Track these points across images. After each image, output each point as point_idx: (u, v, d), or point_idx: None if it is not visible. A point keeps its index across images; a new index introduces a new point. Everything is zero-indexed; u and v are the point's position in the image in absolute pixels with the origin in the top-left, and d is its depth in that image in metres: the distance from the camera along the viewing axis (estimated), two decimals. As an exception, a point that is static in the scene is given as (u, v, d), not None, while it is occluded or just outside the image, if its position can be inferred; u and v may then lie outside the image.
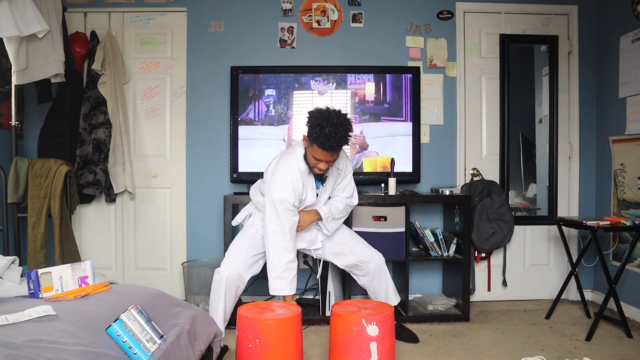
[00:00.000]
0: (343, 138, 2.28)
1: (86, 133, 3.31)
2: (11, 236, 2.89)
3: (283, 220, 2.37)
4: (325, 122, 2.25)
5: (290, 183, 2.37)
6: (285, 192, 2.35)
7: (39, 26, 2.66)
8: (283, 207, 2.36)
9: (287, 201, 2.36)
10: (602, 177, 3.46)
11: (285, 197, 2.35)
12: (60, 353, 1.29)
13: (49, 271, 1.82)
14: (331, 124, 2.24)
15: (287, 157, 2.46)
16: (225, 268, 2.47)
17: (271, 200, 2.37)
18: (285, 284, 2.38)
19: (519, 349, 2.61)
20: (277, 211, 2.36)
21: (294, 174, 2.39)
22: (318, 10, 3.50)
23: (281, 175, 2.39)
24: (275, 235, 2.38)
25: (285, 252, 2.38)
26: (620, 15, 3.26)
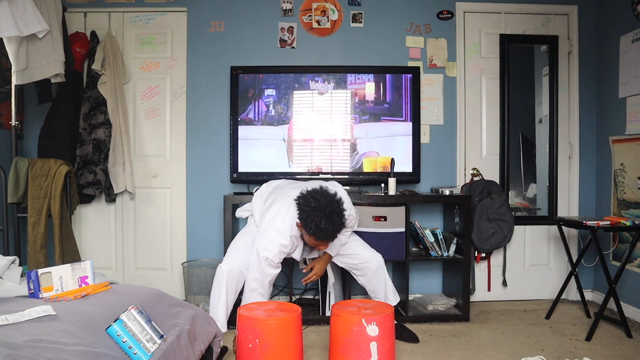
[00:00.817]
0: (339, 226, 2.31)
1: (86, 133, 3.31)
2: (11, 236, 2.89)
3: (264, 273, 2.43)
4: (320, 215, 2.25)
5: (279, 247, 2.41)
6: (271, 253, 2.40)
7: (39, 26, 2.66)
8: (267, 264, 2.41)
9: (272, 260, 2.41)
10: (602, 177, 3.46)
11: (270, 257, 2.40)
12: (60, 353, 1.29)
13: (49, 271, 1.82)
14: (325, 216, 2.25)
15: (284, 216, 2.43)
16: (226, 263, 2.53)
17: (257, 253, 2.42)
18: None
19: (519, 349, 2.61)
20: (260, 264, 2.41)
21: (283, 240, 2.40)
22: (318, 10, 3.50)
23: (273, 235, 2.41)
24: (254, 281, 2.44)
25: (260, 297, 2.46)
26: (620, 15, 3.26)
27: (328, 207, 2.27)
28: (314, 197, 2.31)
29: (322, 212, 2.25)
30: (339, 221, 2.30)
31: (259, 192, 2.76)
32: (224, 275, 2.49)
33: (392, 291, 2.75)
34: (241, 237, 2.66)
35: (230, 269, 2.50)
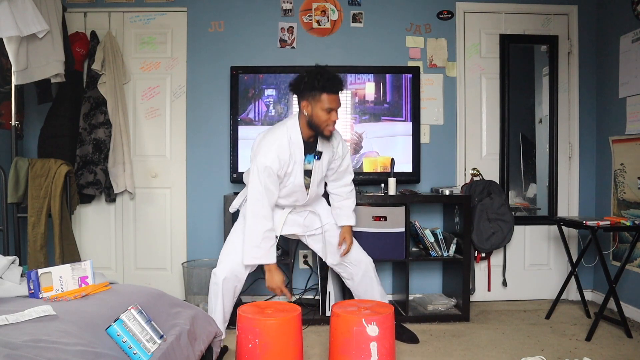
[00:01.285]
0: (341, 80, 2.33)
1: (86, 133, 3.31)
2: (11, 236, 2.89)
3: (265, 188, 2.33)
4: (321, 70, 2.30)
5: (276, 150, 2.32)
6: (269, 160, 2.30)
7: (39, 26, 2.66)
8: (266, 174, 2.31)
9: (271, 169, 2.31)
10: (602, 177, 3.46)
11: (269, 164, 2.30)
12: (60, 353, 1.29)
13: (49, 271, 1.82)
14: (326, 70, 2.31)
15: (276, 127, 2.44)
16: (220, 269, 2.42)
17: (256, 167, 2.33)
18: (262, 252, 2.36)
19: (519, 349, 2.61)
20: (259, 178, 2.32)
21: (281, 141, 2.34)
22: (318, 10, 3.50)
23: (268, 143, 2.35)
24: (256, 202, 2.34)
25: (264, 220, 2.34)
26: (620, 15, 3.26)
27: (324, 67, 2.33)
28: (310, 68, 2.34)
29: (323, 69, 2.31)
30: (338, 77, 2.32)
31: (248, 168, 2.68)
32: (220, 284, 2.39)
33: (381, 295, 2.66)
34: (233, 237, 2.52)
35: (226, 275, 2.39)
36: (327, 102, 2.28)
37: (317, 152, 2.45)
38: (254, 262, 2.38)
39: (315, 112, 2.31)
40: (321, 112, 2.30)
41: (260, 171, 2.31)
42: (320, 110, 2.30)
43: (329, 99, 2.28)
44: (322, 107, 2.29)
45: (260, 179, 2.32)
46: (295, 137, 2.36)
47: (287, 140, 2.34)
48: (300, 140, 2.37)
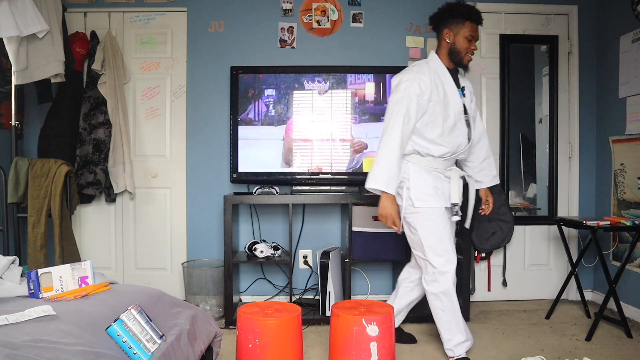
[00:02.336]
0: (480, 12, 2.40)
1: (86, 133, 3.31)
2: (11, 236, 2.89)
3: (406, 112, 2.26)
4: (462, 2, 2.39)
5: (415, 76, 2.30)
6: (408, 82, 2.29)
7: (39, 26, 2.66)
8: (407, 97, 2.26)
9: (411, 89, 2.27)
10: (602, 177, 3.46)
11: (409, 85, 2.28)
12: (60, 353, 1.29)
13: (49, 271, 1.82)
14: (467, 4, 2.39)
15: (412, 65, 2.46)
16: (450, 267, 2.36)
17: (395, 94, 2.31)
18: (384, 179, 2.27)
19: (519, 349, 2.61)
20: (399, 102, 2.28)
21: (420, 70, 2.34)
22: (318, 10, 3.50)
23: (406, 72, 2.38)
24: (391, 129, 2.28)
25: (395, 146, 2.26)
26: (620, 15, 3.26)
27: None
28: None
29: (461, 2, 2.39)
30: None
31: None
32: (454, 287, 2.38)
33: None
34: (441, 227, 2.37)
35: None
36: (470, 29, 2.34)
37: (463, 87, 2.45)
38: (374, 185, 2.27)
39: (458, 40, 2.37)
40: (463, 39, 2.36)
41: (401, 96, 2.28)
42: (463, 38, 2.36)
43: (472, 27, 2.35)
44: (465, 35, 2.35)
45: (400, 103, 2.27)
46: (439, 68, 2.39)
47: (427, 72, 2.34)
48: (444, 69, 2.40)
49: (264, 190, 3.13)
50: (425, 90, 2.30)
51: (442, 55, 2.42)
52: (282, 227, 3.49)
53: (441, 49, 2.43)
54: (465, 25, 2.35)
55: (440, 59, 2.42)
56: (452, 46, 2.38)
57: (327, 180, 3.31)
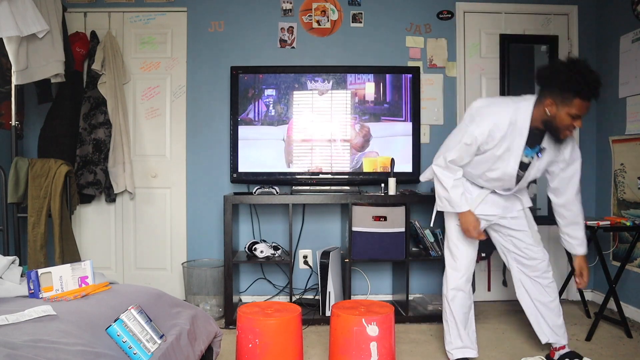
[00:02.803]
0: (600, 84, 1.97)
1: (86, 133, 3.31)
2: (11, 236, 2.89)
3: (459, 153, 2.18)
4: (583, 68, 1.95)
5: (491, 126, 2.07)
6: (478, 131, 2.09)
7: (39, 26, 2.66)
8: (468, 141, 2.12)
9: (476, 139, 2.11)
10: (602, 177, 3.46)
11: (477, 135, 2.09)
12: (60, 353, 1.29)
13: (49, 271, 1.82)
14: (589, 69, 1.95)
15: (507, 101, 2.15)
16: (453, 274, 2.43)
17: (464, 131, 2.14)
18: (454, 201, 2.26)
19: (519, 349, 2.61)
20: (460, 141, 2.15)
21: (501, 120, 2.07)
22: (318, 10, 3.50)
23: (488, 113, 2.10)
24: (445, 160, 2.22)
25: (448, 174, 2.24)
26: (620, 15, 3.26)
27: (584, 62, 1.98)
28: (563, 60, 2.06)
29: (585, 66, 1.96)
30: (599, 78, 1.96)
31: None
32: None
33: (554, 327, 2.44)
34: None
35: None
36: (577, 108, 1.99)
37: (542, 149, 2.17)
38: (447, 208, 2.30)
39: (559, 115, 2.02)
40: (566, 116, 2.01)
41: (465, 138, 2.14)
42: (566, 115, 2.01)
43: (582, 105, 1.99)
44: (570, 112, 2.00)
45: (461, 143, 2.16)
46: (522, 124, 2.09)
47: (508, 122, 2.08)
48: (526, 128, 2.09)
49: (264, 190, 3.13)
50: (493, 139, 2.11)
51: (536, 114, 2.08)
52: (282, 227, 3.49)
53: (538, 109, 2.08)
54: (573, 103, 1.98)
55: (531, 116, 2.09)
56: (550, 119, 2.05)
57: (327, 180, 3.31)
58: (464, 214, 2.29)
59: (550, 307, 2.41)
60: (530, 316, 2.45)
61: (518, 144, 2.11)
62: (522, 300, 2.46)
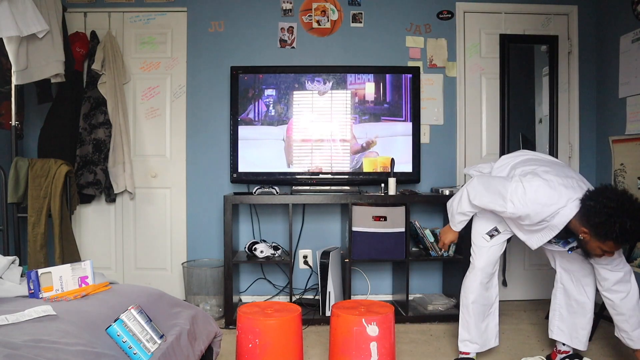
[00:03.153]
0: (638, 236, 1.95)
1: (86, 133, 3.31)
2: (11, 236, 2.89)
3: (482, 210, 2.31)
4: (626, 216, 1.88)
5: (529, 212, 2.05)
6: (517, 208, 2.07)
7: (39, 26, 2.66)
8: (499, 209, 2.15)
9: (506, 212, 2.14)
10: (602, 177, 3.46)
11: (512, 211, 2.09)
12: (60, 353, 1.29)
13: (49, 271, 1.82)
14: (632, 217, 1.89)
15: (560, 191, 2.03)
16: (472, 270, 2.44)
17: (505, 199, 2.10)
18: (454, 220, 2.44)
19: (519, 349, 2.61)
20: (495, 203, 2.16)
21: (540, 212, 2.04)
22: (318, 10, 3.50)
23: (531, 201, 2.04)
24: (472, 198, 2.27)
25: (469, 204, 2.32)
26: (620, 15, 3.26)
27: (634, 209, 1.91)
28: (616, 196, 1.94)
29: (630, 214, 1.89)
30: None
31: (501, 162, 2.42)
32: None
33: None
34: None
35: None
36: (608, 247, 1.98)
37: (571, 247, 2.19)
38: (449, 216, 2.47)
39: (591, 245, 2.02)
40: (597, 249, 2.01)
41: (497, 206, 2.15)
42: (598, 248, 2.00)
43: (612, 246, 1.97)
44: (600, 246, 1.99)
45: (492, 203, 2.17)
46: (557, 223, 2.06)
47: (542, 218, 2.06)
48: (559, 229, 2.08)
49: (264, 190, 3.13)
50: (521, 219, 2.13)
51: (573, 225, 2.04)
52: (282, 227, 3.49)
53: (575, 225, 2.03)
54: (607, 243, 1.96)
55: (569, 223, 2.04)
56: (583, 243, 2.05)
57: (327, 180, 3.31)
58: (451, 230, 2.49)
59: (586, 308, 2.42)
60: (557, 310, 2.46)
61: (547, 234, 2.13)
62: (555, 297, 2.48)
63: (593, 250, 2.03)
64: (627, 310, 2.16)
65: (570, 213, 2.02)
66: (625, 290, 2.16)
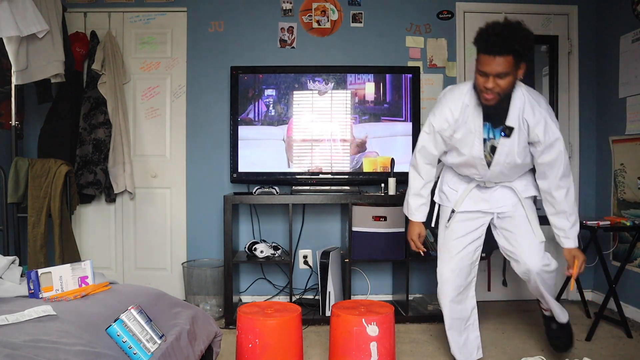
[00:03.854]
0: (510, 38, 1.87)
1: (86, 133, 3.31)
2: (11, 236, 2.89)
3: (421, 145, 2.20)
4: (490, 26, 1.93)
5: (447, 112, 2.09)
6: (436, 119, 2.12)
7: (39, 26, 2.66)
8: (428, 131, 2.16)
9: (433, 126, 2.13)
10: (602, 177, 3.46)
11: (433, 122, 2.12)
12: (60, 353, 1.29)
13: (49, 271, 1.82)
14: (498, 24, 1.91)
15: (456, 86, 2.21)
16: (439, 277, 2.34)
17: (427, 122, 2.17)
18: (409, 208, 2.31)
19: (519, 349, 2.61)
20: (422, 134, 2.20)
21: (456, 102, 2.09)
22: (318, 10, 3.50)
23: (445, 101, 2.13)
24: (414, 158, 2.25)
25: (416, 178, 2.26)
26: (620, 15, 3.26)
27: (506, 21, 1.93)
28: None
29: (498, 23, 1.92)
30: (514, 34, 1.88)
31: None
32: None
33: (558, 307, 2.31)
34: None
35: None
36: (481, 63, 1.97)
37: (506, 128, 2.06)
38: (405, 212, 2.35)
39: (476, 77, 2.03)
40: (478, 76, 2.01)
41: (425, 127, 2.18)
42: (478, 75, 2.01)
43: (483, 60, 1.95)
44: (477, 69, 2.00)
45: (422, 135, 2.20)
46: (474, 102, 2.08)
47: (461, 105, 2.09)
48: (475, 104, 2.08)
49: (264, 190, 3.13)
50: (449, 124, 2.11)
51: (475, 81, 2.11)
52: (282, 227, 3.49)
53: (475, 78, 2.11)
54: (479, 59, 1.99)
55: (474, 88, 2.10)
56: (475, 84, 2.08)
57: (327, 180, 3.31)
58: (412, 222, 2.33)
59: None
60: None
61: (476, 123, 2.08)
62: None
63: (478, 83, 2.01)
64: (569, 207, 2.11)
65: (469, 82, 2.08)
66: (567, 185, 2.10)
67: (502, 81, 1.95)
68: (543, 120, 2.04)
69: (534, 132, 2.04)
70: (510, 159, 2.09)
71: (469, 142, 2.10)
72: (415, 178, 2.28)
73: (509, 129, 2.05)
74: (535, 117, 2.03)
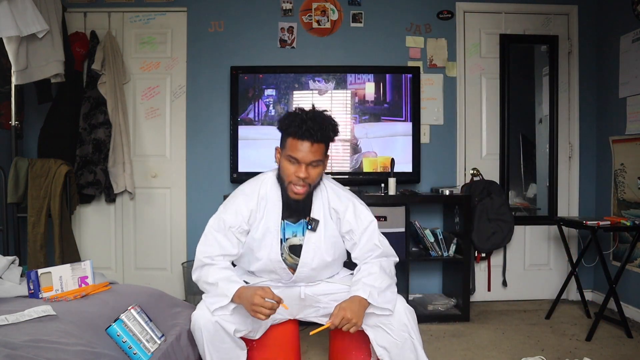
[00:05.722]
0: (324, 127, 1.71)
1: (86, 133, 3.31)
2: (11, 236, 2.89)
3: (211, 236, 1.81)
4: (302, 111, 1.74)
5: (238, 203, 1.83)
6: (226, 213, 1.82)
7: (39, 26, 2.66)
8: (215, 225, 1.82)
9: (224, 220, 1.80)
10: (602, 177, 3.46)
11: (224, 216, 1.80)
12: (60, 353, 1.29)
13: (49, 271, 1.82)
14: (310, 111, 1.75)
15: (253, 179, 1.92)
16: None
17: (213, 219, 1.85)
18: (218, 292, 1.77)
19: (519, 349, 2.61)
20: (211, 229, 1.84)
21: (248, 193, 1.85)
22: (318, 10, 3.50)
23: (236, 193, 1.89)
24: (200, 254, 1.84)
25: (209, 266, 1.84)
26: (620, 15, 3.26)
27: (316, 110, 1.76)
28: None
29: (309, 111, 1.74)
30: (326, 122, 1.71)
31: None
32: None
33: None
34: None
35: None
36: (291, 149, 1.72)
37: (311, 220, 1.82)
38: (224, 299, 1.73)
39: (282, 162, 1.77)
40: (286, 163, 1.75)
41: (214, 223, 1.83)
42: (284, 159, 1.75)
43: (295, 145, 1.70)
44: (286, 155, 1.74)
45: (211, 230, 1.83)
46: (272, 194, 1.82)
47: (257, 195, 1.82)
48: (275, 196, 1.82)
49: (264, 190, 3.12)
50: (243, 217, 1.80)
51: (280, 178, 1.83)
52: (282, 227, 3.49)
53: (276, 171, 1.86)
54: (287, 143, 1.72)
55: (277, 182, 1.82)
56: (280, 173, 1.79)
57: (327, 180, 3.30)
58: (238, 293, 1.69)
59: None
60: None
61: (274, 220, 1.80)
62: None
63: (284, 170, 1.75)
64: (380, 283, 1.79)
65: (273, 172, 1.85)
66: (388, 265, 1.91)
67: (314, 171, 1.74)
68: (351, 204, 1.87)
69: (344, 220, 1.85)
70: (319, 257, 1.84)
71: (268, 243, 1.81)
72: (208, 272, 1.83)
73: (315, 222, 1.81)
74: (342, 203, 1.85)
